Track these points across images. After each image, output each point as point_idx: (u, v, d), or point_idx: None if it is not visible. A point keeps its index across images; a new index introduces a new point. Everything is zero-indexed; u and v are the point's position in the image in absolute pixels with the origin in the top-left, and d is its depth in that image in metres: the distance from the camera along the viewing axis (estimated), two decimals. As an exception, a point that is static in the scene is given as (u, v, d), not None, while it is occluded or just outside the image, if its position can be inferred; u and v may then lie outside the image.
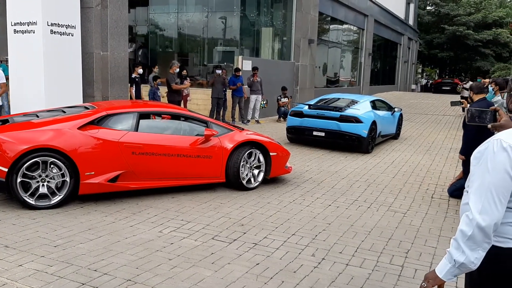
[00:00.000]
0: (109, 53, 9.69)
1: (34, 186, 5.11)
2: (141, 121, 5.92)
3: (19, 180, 5.01)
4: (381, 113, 10.75)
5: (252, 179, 6.50)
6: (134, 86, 11.00)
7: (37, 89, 8.63)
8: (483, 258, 1.78)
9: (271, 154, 6.63)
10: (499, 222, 1.74)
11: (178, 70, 11.52)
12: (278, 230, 4.89)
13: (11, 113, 8.64)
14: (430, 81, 49.37)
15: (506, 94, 1.99)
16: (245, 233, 4.76)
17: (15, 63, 8.85)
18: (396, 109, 11.72)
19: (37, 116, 5.83)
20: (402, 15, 34.72)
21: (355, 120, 9.63)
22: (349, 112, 9.84)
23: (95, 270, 3.68)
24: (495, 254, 1.79)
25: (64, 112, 5.94)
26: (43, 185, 5.16)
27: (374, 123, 9.93)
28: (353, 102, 10.64)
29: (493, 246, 1.78)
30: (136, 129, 5.79)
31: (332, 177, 7.53)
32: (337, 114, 9.79)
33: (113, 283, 3.49)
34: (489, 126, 2.23)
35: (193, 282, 3.58)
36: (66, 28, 8.91)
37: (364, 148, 9.75)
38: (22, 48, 8.71)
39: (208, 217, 5.22)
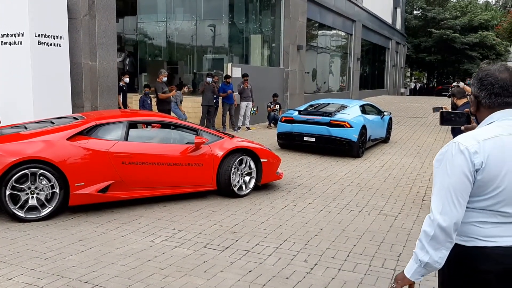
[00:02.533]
0: (97, 63, 9.66)
1: (23, 198, 5.05)
2: (130, 130, 5.91)
3: (7, 192, 4.94)
4: (370, 117, 10.86)
5: (243, 186, 6.50)
6: (121, 95, 10.99)
7: (26, 100, 8.57)
8: (449, 257, 1.84)
9: (262, 160, 6.64)
10: (459, 222, 1.79)
11: (165, 78, 11.52)
12: (270, 237, 4.88)
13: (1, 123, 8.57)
14: (419, 85, 49.77)
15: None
16: (237, 240, 4.75)
17: (3, 74, 8.79)
18: (385, 113, 11.84)
19: (26, 128, 5.82)
20: (389, 20, 35.07)
21: (345, 125, 9.69)
22: (339, 117, 9.92)
23: (86, 282, 3.65)
24: (460, 253, 1.86)
25: (53, 123, 5.90)
26: (32, 197, 5.10)
27: (364, 127, 9.99)
28: (343, 107, 10.72)
29: (458, 245, 1.85)
30: (126, 138, 5.77)
31: (324, 182, 7.55)
32: (327, 119, 9.88)
33: (105, 294, 3.46)
34: (463, 128, 2.30)
35: (186, 291, 3.56)
36: (54, 38, 8.87)
37: (355, 152, 9.80)
38: (10, 60, 8.65)
39: (200, 225, 5.20)
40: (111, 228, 5.01)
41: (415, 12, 51.00)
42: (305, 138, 10.07)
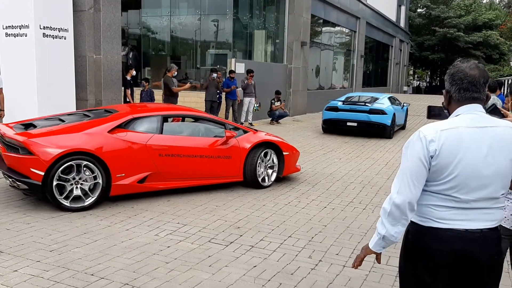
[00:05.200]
0: (102, 57, 9.65)
1: (68, 188, 5.23)
2: (164, 123, 6.18)
3: (55, 183, 5.13)
4: (396, 107, 13.21)
5: (266, 178, 6.77)
6: (129, 89, 10.98)
7: (30, 93, 8.57)
8: (407, 233, 2.08)
9: (284, 153, 6.93)
10: (413, 202, 1.98)
11: (176, 73, 11.50)
12: (274, 233, 4.89)
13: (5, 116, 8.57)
14: (424, 84, 49.65)
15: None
16: (241, 235, 4.75)
17: (7, 66, 8.79)
18: (404, 104, 14.39)
19: (61, 120, 5.93)
20: (393, 18, 34.96)
21: (382, 112, 12.20)
22: (376, 106, 12.43)
23: (92, 275, 3.66)
24: (416, 231, 2.06)
25: (88, 116, 6.09)
26: (76, 187, 5.28)
27: (394, 114, 12.48)
28: (375, 98, 13.17)
29: (416, 223, 2.06)
30: (161, 131, 6.04)
31: (327, 179, 7.55)
32: (367, 108, 12.34)
33: (111, 287, 3.47)
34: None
35: (191, 285, 3.56)
36: (59, 31, 8.86)
37: (388, 134, 12.37)
38: (14, 52, 8.65)
39: (204, 220, 5.20)
40: (116, 221, 5.02)
41: (419, 10, 50.87)
42: (348, 123, 12.41)
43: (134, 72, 11.63)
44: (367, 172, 8.17)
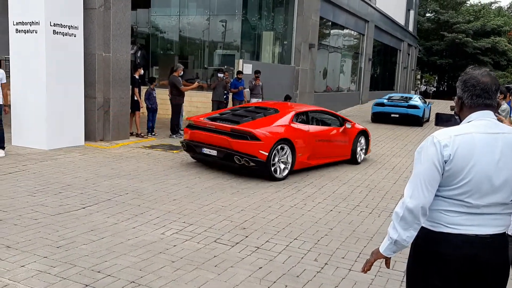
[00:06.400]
0: (111, 55, 9.68)
1: (276, 165, 7.30)
2: (310, 117, 8.48)
3: (273, 161, 7.20)
4: (424, 104, 18.16)
5: (359, 157, 9.24)
6: (138, 87, 11.00)
7: (39, 89, 8.60)
8: (417, 238, 2.06)
9: (369, 138, 9.57)
10: (426, 207, 1.99)
11: (182, 73, 11.52)
12: (280, 234, 4.88)
13: (12, 112, 8.62)
14: (433, 89, 49.46)
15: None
16: (247, 236, 4.76)
17: (17, 62, 8.83)
18: (429, 103, 19.66)
19: (241, 116, 7.87)
20: (402, 22, 34.84)
21: (416, 107, 17.18)
22: (412, 102, 17.51)
23: (99, 272, 3.67)
24: (428, 236, 2.06)
25: (258, 112, 8.06)
26: (279, 164, 7.35)
27: (424, 109, 17.43)
28: (409, 97, 18.36)
29: (426, 229, 2.06)
30: (311, 123, 8.37)
31: (333, 182, 7.54)
32: (405, 104, 17.41)
33: (117, 284, 3.48)
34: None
35: (197, 285, 3.57)
36: (69, 28, 8.90)
37: (420, 123, 17.17)
38: (24, 48, 8.69)
39: (210, 219, 5.21)
40: (122, 219, 5.03)
41: (428, 14, 50.71)
42: (392, 115, 17.21)
43: (142, 71, 11.65)
44: (374, 176, 8.15)
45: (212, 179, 7.17)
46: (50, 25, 8.54)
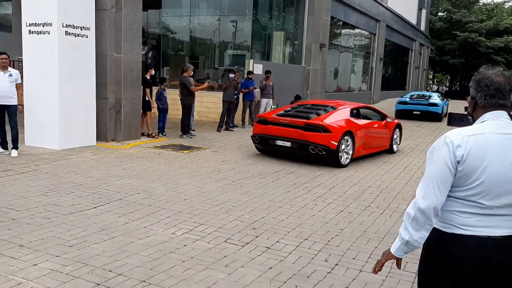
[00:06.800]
0: (122, 56, 9.74)
1: (340, 154, 8.47)
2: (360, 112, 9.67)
3: (341, 149, 8.45)
4: (442, 101, 19.91)
5: (394, 147, 10.60)
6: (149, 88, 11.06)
7: (51, 90, 8.69)
8: (429, 239, 2.05)
9: (402, 131, 10.99)
10: (438, 207, 1.98)
11: (192, 73, 11.56)
12: (291, 235, 4.88)
13: (25, 112, 8.73)
14: (445, 89, 49.00)
15: None
16: (257, 236, 4.75)
17: (30, 63, 8.94)
18: (447, 100, 21.82)
19: (303, 111, 9.09)
20: (414, 21, 34.60)
21: (436, 105, 18.97)
22: (432, 101, 19.27)
23: (110, 271, 3.70)
24: (440, 237, 2.05)
25: (320, 109, 9.15)
26: (343, 153, 8.55)
27: (442, 107, 19.28)
28: (429, 96, 20.12)
29: (438, 230, 2.04)
30: (359, 117, 9.43)
31: (344, 182, 7.50)
32: (426, 102, 19.14)
33: (128, 283, 3.50)
34: None
35: (207, 285, 3.58)
36: (81, 29, 8.98)
37: (439, 119, 18.88)
38: (37, 49, 8.79)
39: (220, 219, 5.22)
40: (133, 218, 5.06)
41: (440, 14, 50.27)
42: (414, 112, 18.92)
43: (153, 72, 11.70)
44: (385, 177, 8.10)
45: (223, 179, 7.19)
46: (63, 26, 8.62)
